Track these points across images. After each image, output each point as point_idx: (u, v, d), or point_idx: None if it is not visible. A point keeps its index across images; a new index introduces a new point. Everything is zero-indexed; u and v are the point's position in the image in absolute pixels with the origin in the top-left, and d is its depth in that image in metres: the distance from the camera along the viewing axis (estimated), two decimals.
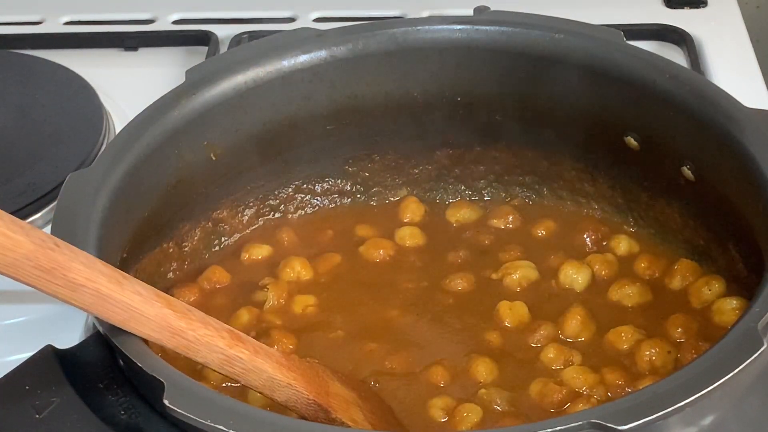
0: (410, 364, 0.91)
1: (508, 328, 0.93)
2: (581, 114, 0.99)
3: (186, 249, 0.99)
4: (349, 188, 1.07)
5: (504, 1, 1.03)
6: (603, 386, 0.87)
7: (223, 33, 1.40)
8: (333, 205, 1.08)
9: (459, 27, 1.00)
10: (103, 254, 0.77)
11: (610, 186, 1.02)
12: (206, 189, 0.99)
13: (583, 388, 0.86)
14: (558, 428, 0.66)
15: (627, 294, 0.95)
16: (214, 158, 0.97)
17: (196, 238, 1.00)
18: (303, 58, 0.99)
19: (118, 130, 0.99)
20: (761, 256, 0.83)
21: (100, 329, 0.74)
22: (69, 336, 0.82)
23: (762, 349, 0.69)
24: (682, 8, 1.42)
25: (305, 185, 1.06)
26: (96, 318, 0.73)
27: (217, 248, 1.02)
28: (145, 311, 0.71)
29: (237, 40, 1.38)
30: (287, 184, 1.05)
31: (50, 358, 0.74)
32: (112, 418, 0.72)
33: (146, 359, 0.71)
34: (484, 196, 1.08)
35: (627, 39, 0.97)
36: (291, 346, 0.92)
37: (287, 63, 0.98)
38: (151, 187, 0.91)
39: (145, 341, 0.73)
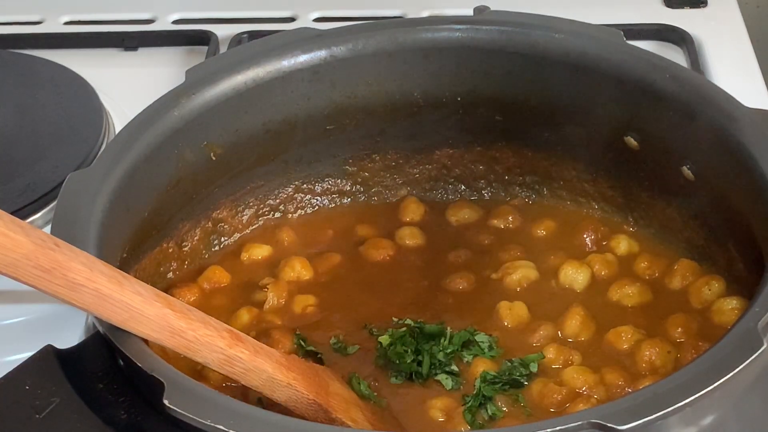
0: None
1: (508, 328, 0.93)
2: (581, 114, 0.99)
3: (186, 249, 0.99)
4: (349, 188, 1.08)
5: (504, 1, 1.03)
6: (603, 386, 0.87)
7: (223, 33, 1.40)
8: (333, 205, 1.08)
9: (459, 27, 1.00)
10: (103, 254, 0.77)
11: (610, 186, 1.02)
12: (206, 189, 0.99)
13: (583, 388, 0.86)
14: (558, 428, 0.66)
15: (627, 294, 0.95)
16: (214, 158, 0.97)
17: (196, 238, 1.00)
18: (303, 58, 0.99)
19: (118, 130, 0.99)
20: (761, 256, 0.83)
21: (100, 329, 0.74)
22: (69, 336, 0.82)
23: (762, 349, 0.69)
24: (682, 8, 1.42)
25: (305, 185, 1.06)
26: (96, 318, 0.73)
27: (217, 248, 1.02)
28: (145, 311, 0.71)
29: (237, 40, 1.38)
30: (287, 184, 1.05)
31: (50, 358, 0.74)
32: (112, 418, 0.72)
33: (146, 359, 0.71)
34: (484, 196, 1.08)
35: (627, 39, 0.97)
36: (290, 346, 0.92)
37: (287, 63, 0.98)
38: (151, 187, 0.91)
39: (145, 341, 0.73)
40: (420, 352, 0.89)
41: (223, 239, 1.03)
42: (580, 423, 0.66)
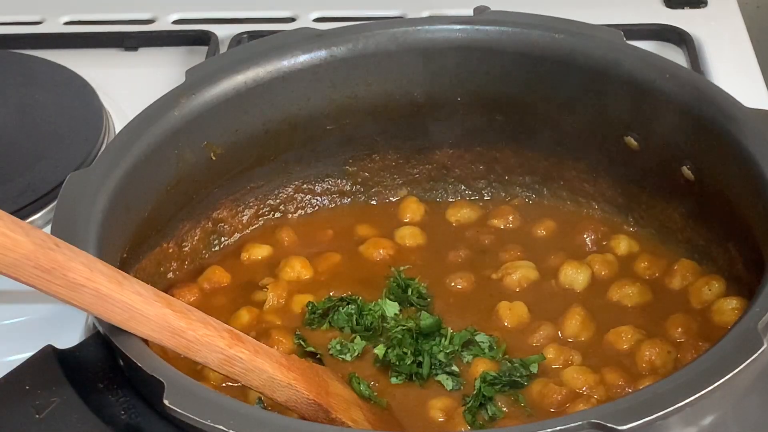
0: None
1: (508, 328, 0.93)
2: (581, 114, 0.99)
3: (186, 249, 0.99)
4: (349, 188, 1.08)
5: (504, 1, 1.03)
6: (603, 386, 0.87)
7: (223, 33, 1.40)
8: (333, 205, 1.08)
9: (459, 27, 1.00)
10: (103, 254, 0.78)
11: (610, 186, 1.02)
12: (206, 189, 0.99)
13: (583, 388, 0.86)
14: (558, 428, 0.66)
15: (627, 294, 0.95)
16: (214, 158, 0.97)
17: (196, 238, 1.00)
18: (303, 58, 0.99)
19: (118, 130, 0.99)
20: (761, 256, 0.83)
21: (100, 329, 0.74)
22: (69, 336, 0.82)
23: (762, 349, 0.69)
24: (682, 8, 1.42)
25: (305, 185, 1.06)
26: (96, 318, 0.73)
27: (217, 248, 1.02)
28: (145, 311, 0.71)
29: (237, 40, 1.38)
30: (287, 184, 1.05)
31: (50, 358, 0.74)
32: (112, 418, 0.72)
33: (146, 359, 0.71)
34: (484, 196, 1.08)
35: (627, 39, 0.97)
36: (290, 346, 0.92)
37: (287, 63, 0.98)
38: (151, 187, 0.92)
39: (145, 341, 0.73)
40: (420, 352, 0.89)
41: (223, 239, 1.03)
42: (580, 423, 0.66)
